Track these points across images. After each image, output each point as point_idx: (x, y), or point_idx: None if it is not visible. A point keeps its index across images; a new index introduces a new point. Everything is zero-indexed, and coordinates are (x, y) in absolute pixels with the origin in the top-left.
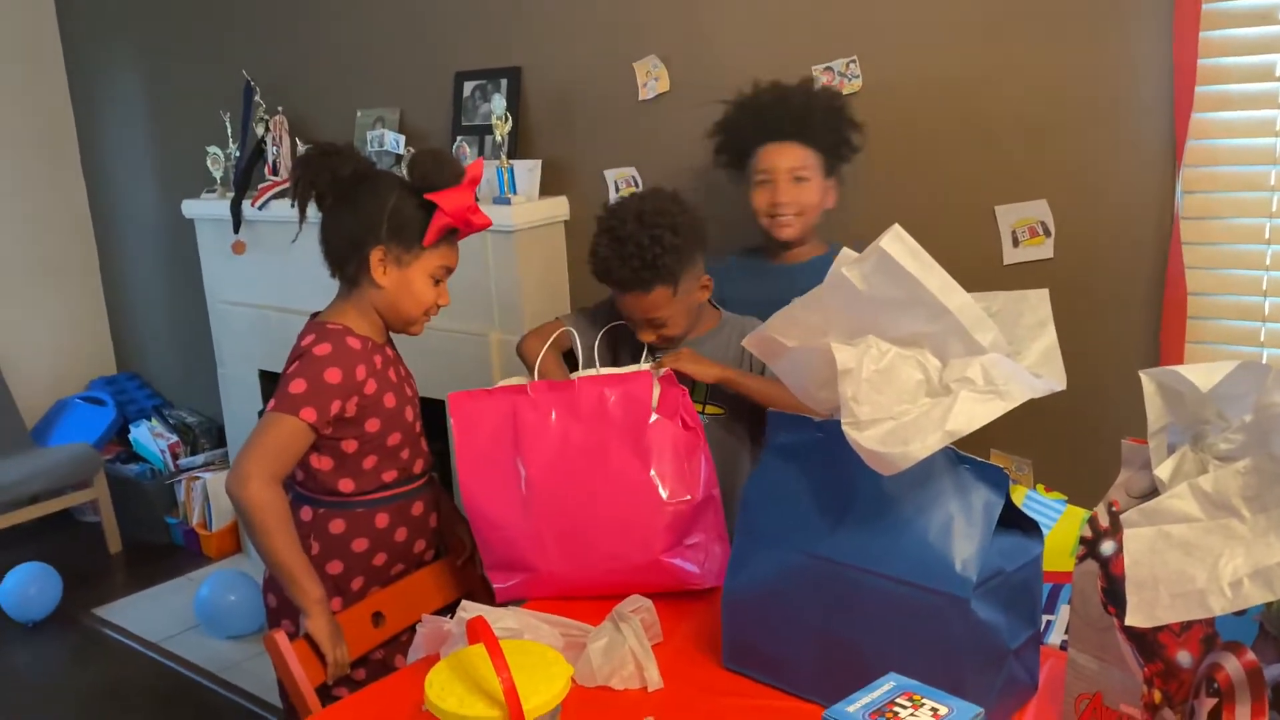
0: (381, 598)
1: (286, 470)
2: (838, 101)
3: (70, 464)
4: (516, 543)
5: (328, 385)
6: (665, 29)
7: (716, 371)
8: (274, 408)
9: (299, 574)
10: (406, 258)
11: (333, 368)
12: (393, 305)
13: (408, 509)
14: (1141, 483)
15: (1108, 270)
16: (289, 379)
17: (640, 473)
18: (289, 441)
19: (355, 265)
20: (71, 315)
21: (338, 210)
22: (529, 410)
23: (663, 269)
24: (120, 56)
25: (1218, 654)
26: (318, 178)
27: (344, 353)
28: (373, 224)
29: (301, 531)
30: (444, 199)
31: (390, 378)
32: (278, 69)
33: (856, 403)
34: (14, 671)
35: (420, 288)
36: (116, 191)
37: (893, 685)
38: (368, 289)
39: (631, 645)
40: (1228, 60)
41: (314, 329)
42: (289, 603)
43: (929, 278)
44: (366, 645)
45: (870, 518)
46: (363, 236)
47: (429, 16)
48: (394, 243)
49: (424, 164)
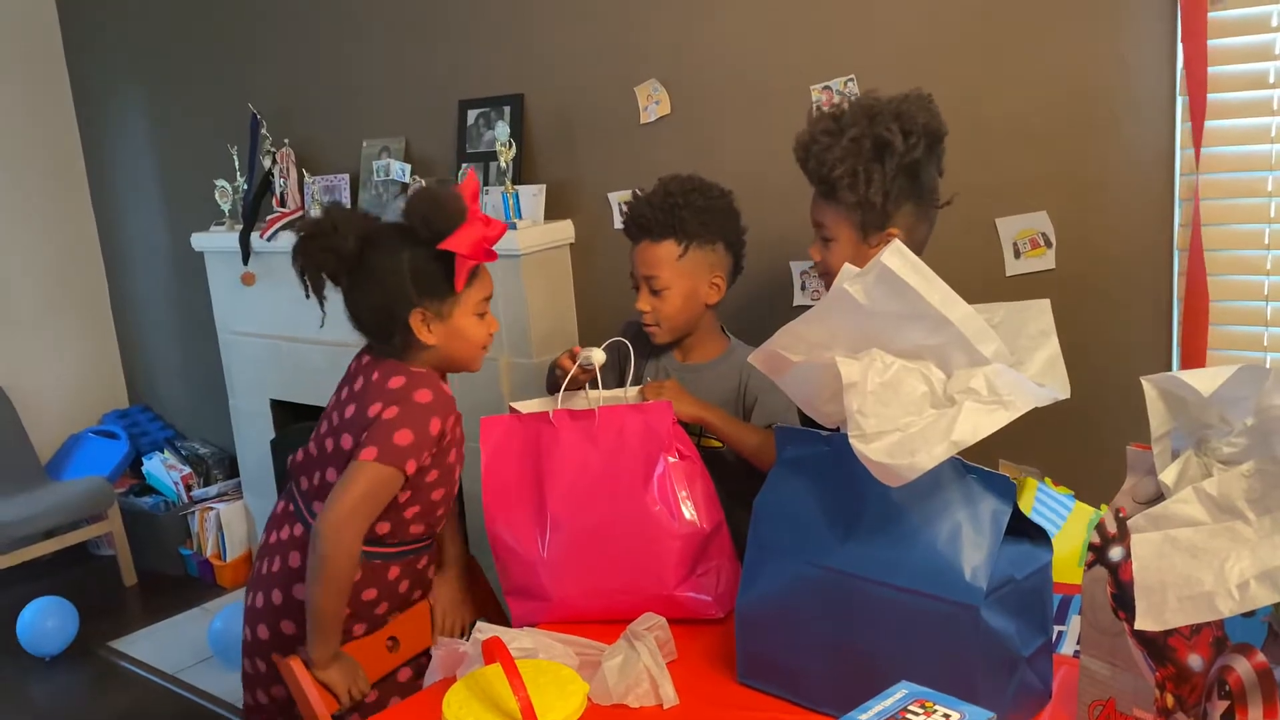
0: (398, 624)
1: (374, 519)
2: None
3: (84, 498)
4: (534, 570)
5: (429, 438)
6: (665, 53)
7: (695, 411)
8: (378, 458)
9: (332, 631)
10: (445, 309)
11: (435, 418)
12: (448, 356)
13: (416, 563)
14: (1147, 488)
15: (1110, 279)
16: (393, 426)
17: (652, 504)
18: (386, 494)
19: (399, 333)
20: (83, 349)
21: (357, 286)
22: (551, 438)
23: (680, 222)
24: (127, 92)
25: (1228, 656)
26: (323, 263)
27: (443, 402)
28: (399, 290)
29: (292, 544)
30: (459, 243)
31: (457, 434)
32: (283, 101)
33: (862, 415)
34: (32, 706)
35: (470, 330)
36: (126, 226)
37: (905, 693)
38: (417, 350)
39: (646, 663)
40: (1223, 69)
41: (401, 372)
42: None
43: (930, 291)
44: (383, 670)
45: (879, 529)
46: (395, 305)
47: (432, 46)
48: (428, 300)
49: (424, 212)
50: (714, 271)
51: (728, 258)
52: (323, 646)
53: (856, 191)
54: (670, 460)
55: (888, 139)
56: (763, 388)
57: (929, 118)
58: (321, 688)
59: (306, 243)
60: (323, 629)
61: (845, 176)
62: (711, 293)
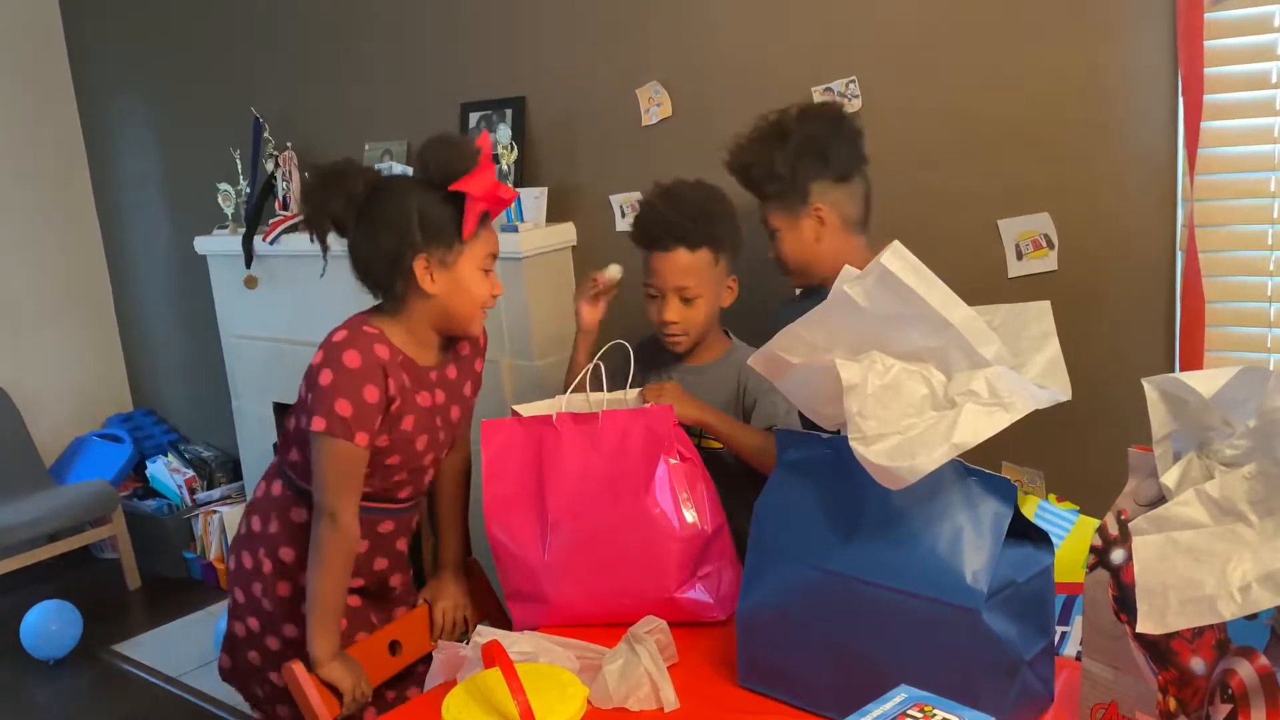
0: (398, 626)
1: (360, 489)
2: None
3: (88, 501)
4: (535, 574)
5: (369, 405)
6: (666, 55)
7: (695, 414)
8: (327, 429)
9: (331, 621)
10: (450, 257)
11: (369, 385)
12: (448, 310)
13: (375, 524)
14: (1149, 491)
15: (1112, 280)
16: (332, 395)
17: (653, 507)
18: (353, 465)
19: (400, 281)
20: (87, 354)
21: (363, 231)
22: (553, 441)
23: (714, 230)
24: (131, 95)
25: (1231, 659)
26: (331, 203)
27: (374, 367)
28: (405, 234)
29: (266, 505)
30: (471, 184)
31: (416, 401)
32: (286, 105)
33: (863, 418)
34: (36, 710)
35: (473, 283)
36: (130, 230)
37: (904, 697)
38: (417, 302)
39: (647, 666)
40: (1225, 69)
41: (349, 326)
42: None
43: (930, 293)
44: (386, 673)
45: (880, 532)
46: (399, 250)
47: (433, 49)
48: (433, 246)
49: (438, 155)
50: (730, 276)
51: (735, 261)
52: (322, 640)
53: (768, 175)
54: (671, 463)
55: (784, 124)
56: (762, 389)
57: (830, 107)
58: (324, 689)
59: (316, 185)
60: (323, 619)
61: (755, 166)
62: (728, 296)
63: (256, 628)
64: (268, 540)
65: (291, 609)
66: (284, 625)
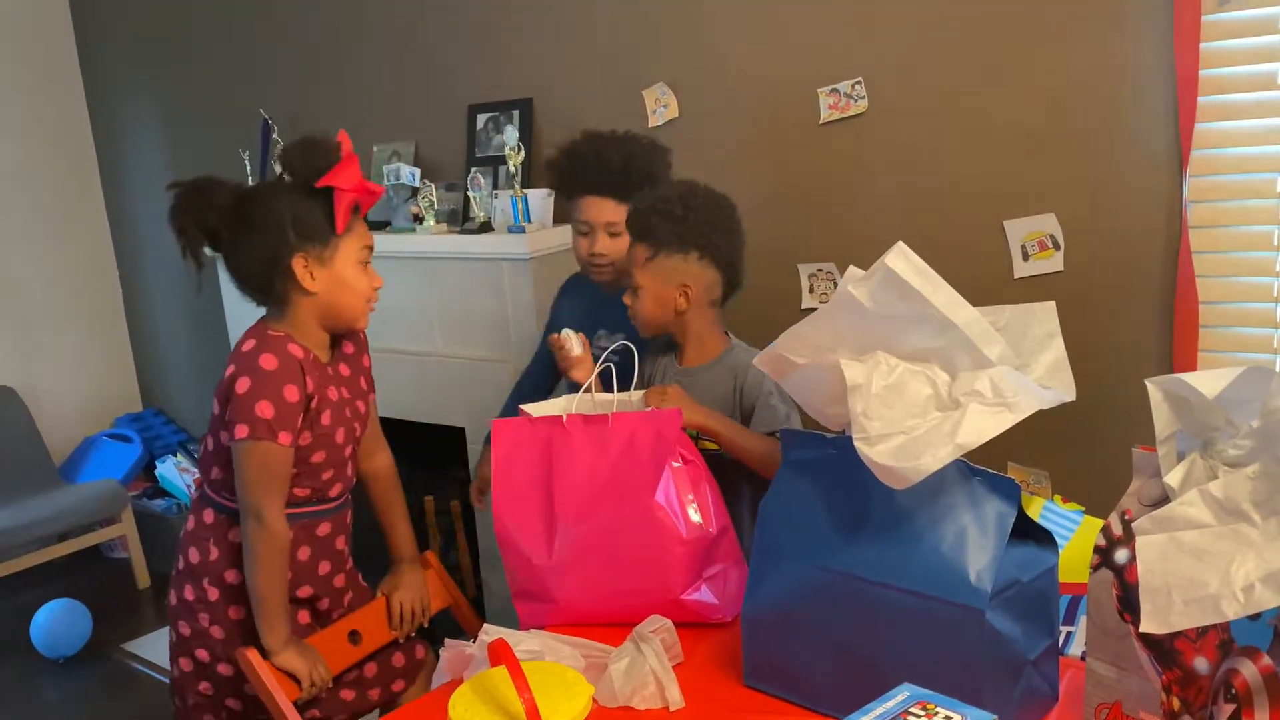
0: (358, 617)
1: (286, 494)
2: (658, 162)
3: (98, 501)
4: (542, 573)
5: (290, 405)
6: (673, 56)
7: (700, 419)
8: (250, 434)
9: (277, 614)
10: (327, 253)
11: (288, 385)
12: (331, 306)
13: (313, 528)
14: (1153, 491)
15: (1119, 281)
16: (252, 399)
17: (659, 509)
18: (278, 467)
19: (280, 283)
20: (96, 353)
21: (237, 239)
22: (563, 442)
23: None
24: (141, 99)
25: (1234, 659)
26: (204, 216)
27: (290, 365)
28: (280, 235)
29: (201, 534)
30: (338, 178)
31: (329, 395)
32: (295, 106)
33: (867, 418)
34: (46, 708)
35: (353, 277)
36: (140, 232)
37: (907, 695)
38: (300, 301)
39: (652, 665)
40: (1229, 70)
41: (256, 334)
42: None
43: (935, 293)
44: (346, 663)
45: (885, 531)
46: (276, 251)
47: (441, 51)
48: (309, 244)
49: (301, 155)
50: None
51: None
52: (272, 632)
53: None
54: (675, 465)
55: None
56: (760, 393)
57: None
58: (280, 675)
59: (184, 199)
60: (269, 613)
61: None
62: (678, 294)
63: (207, 659)
64: (209, 568)
65: (245, 631)
66: (237, 650)
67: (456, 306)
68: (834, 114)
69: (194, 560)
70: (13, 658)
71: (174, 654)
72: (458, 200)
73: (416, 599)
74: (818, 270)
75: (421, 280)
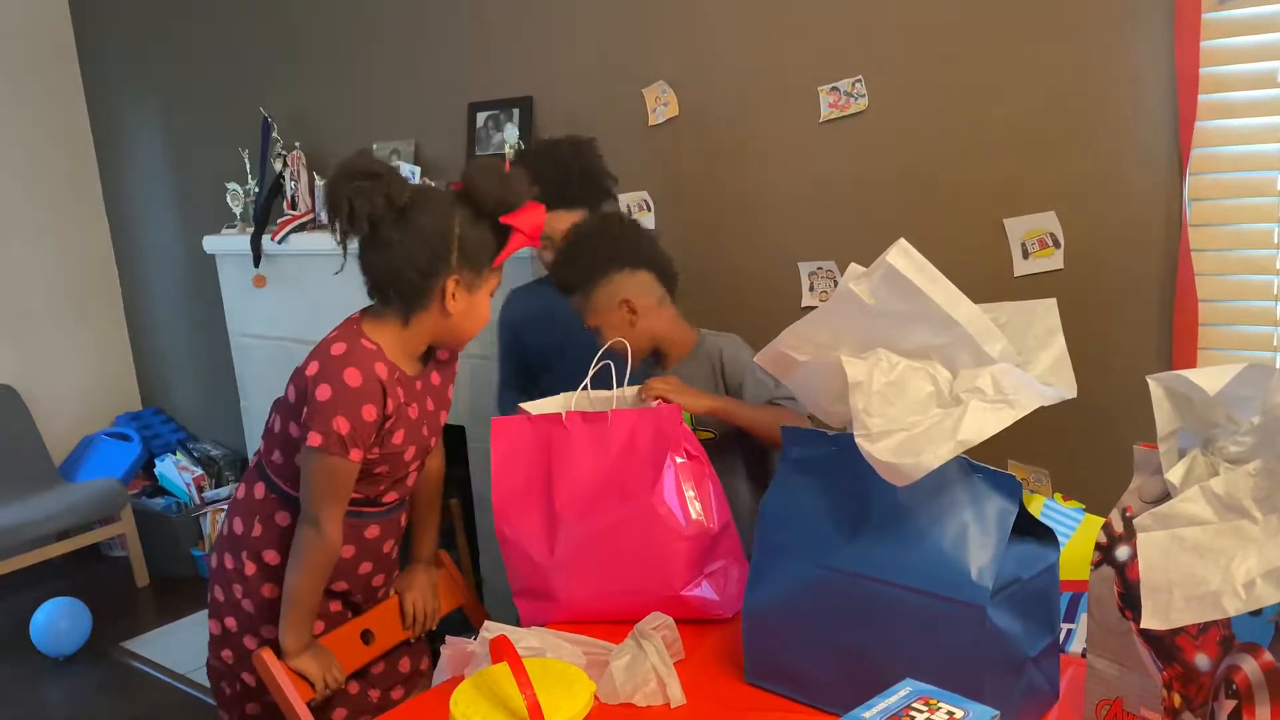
0: (371, 617)
1: (345, 504)
2: (587, 154)
3: (97, 499)
4: (542, 571)
5: (367, 424)
6: (673, 55)
7: (707, 403)
8: (322, 446)
9: (305, 620)
10: (477, 282)
11: (368, 405)
12: (455, 329)
13: (361, 529)
14: (1154, 488)
15: (1119, 279)
16: (330, 411)
17: (659, 506)
18: (344, 480)
19: (424, 294)
20: (96, 352)
21: (396, 238)
22: (562, 440)
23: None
24: (140, 96)
25: (1235, 656)
26: (373, 203)
27: (372, 385)
28: (444, 250)
29: (250, 507)
30: (523, 219)
31: (408, 414)
32: (294, 105)
33: (868, 415)
34: (45, 706)
35: (484, 310)
36: (139, 230)
37: (909, 690)
38: (430, 317)
39: (654, 662)
40: (1229, 68)
41: (348, 337)
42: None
43: (936, 290)
44: (359, 662)
45: (886, 529)
46: (433, 265)
47: (441, 49)
48: (466, 268)
49: (490, 183)
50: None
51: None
52: (295, 634)
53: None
54: (678, 461)
55: None
56: (743, 369)
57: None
58: (295, 676)
59: (360, 180)
60: (297, 615)
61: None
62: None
63: (234, 627)
64: (251, 543)
65: (274, 611)
66: (263, 627)
67: None
68: (834, 112)
69: (238, 531)
70: (12, 656)
71: (210, 615)
72: None
73: (428, 599)
74: (818, 268)
75: None
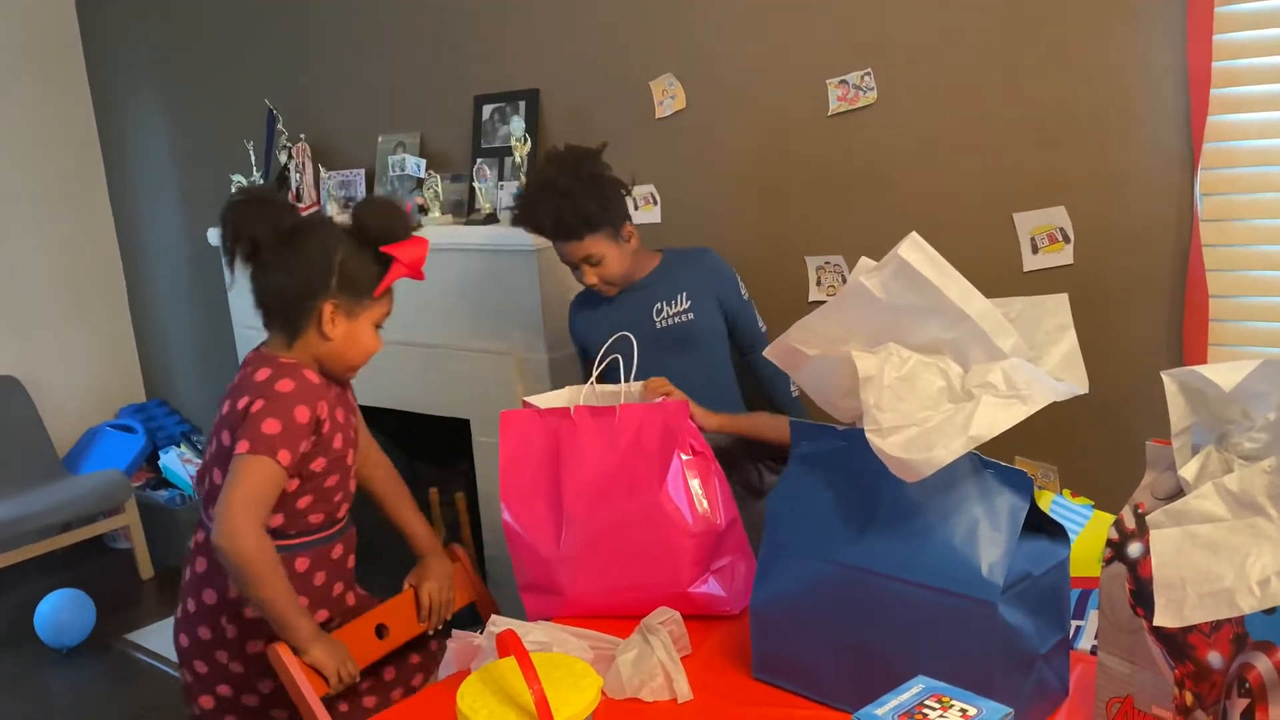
0: (384, 611)
1: (269, 514)
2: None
3: (101, 491)
4: (549, 565)
5: (298, 425)
6: (680, 47)
7: (715, 422)
8: (249, 450)
9: (292, 617)
10: (357, 309)
11: (300, 406)
12: (338, 355)
13: (327, 553)
14: (1167, 484)
15: (1129, 275)
16: (259, 418)
17: (667, 502)
18: (270, 486)
19: (303, 317)
20: (101, 344)
21: (280, 262)
22: (570, 434)
23: (592, 216)
24: (145, 88)
25: (1249, 654)
26: (258, 229)
27: (307, 390)
28: (324, 276)
29: (216, 576)
30: (402, 251)
31: (338, 418)
32: (300, 97)
33: (879, 410)
34: (49, 697)
35: (367, 338)
36: (143, 222)
37: (922, 688)
38: (310, 341)
39: (660, 657)
40: (1243, 62)
41: (268, 363)
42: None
43: (948, 284)
44: (373, 657)
45: (895, 524)
46: (313, 289)
47: (447, 42)
48: (345, 295)
49: (378, 215)
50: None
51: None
52: (294, 633)
53: (588, 217)
54: (684, 458)
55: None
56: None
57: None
58: (310, 671)
59: (248, 203)
60: (281, 620)
61: (570, 214)
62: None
63: (229, 693)
64: (226, 607)
65: (264, 663)
66: (261, 681)
67: (461, 298)
68: (843, 105)
69: (209, 601)
70: (17, 647)
71: (193, 694)
72: (463, 191)
73: (444, 590)
74: (825, 263)
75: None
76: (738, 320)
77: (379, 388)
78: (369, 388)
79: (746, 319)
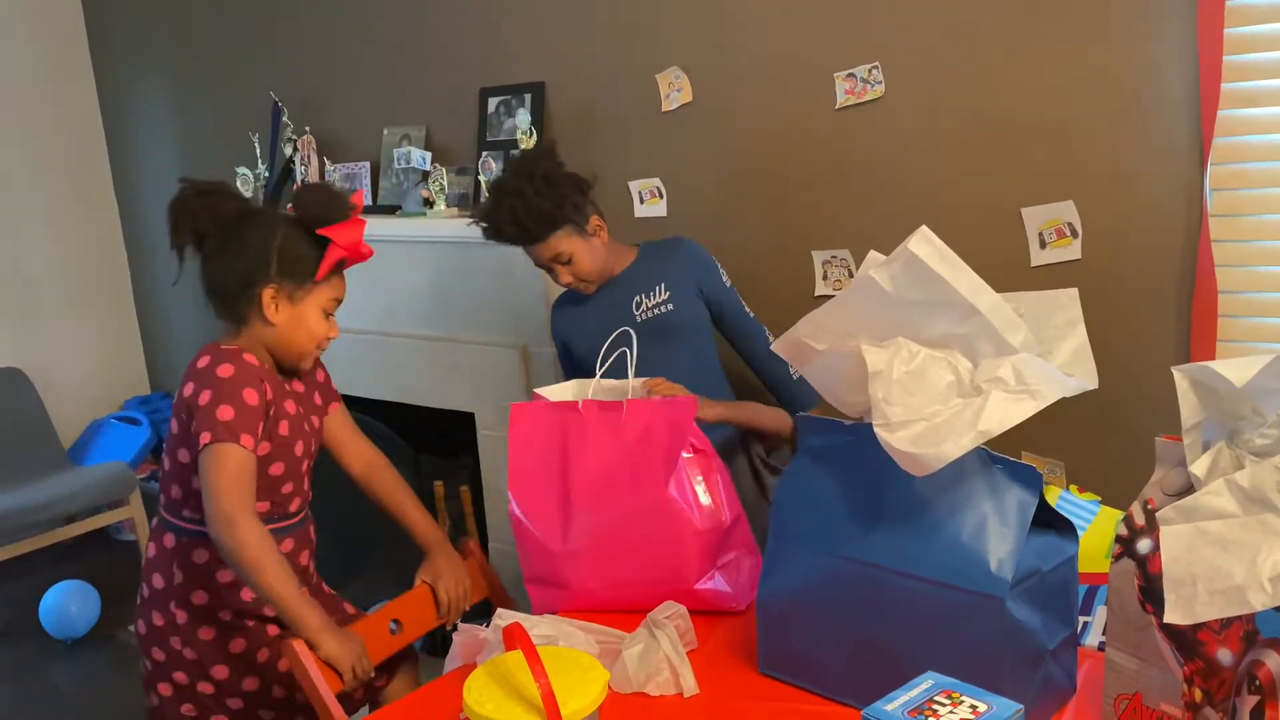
0: (399, 606)
1: (254, 497)
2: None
3: (106, 483)
4: (556, 559)
5: (250, 408)
6: (687, 40)
7: (717, 413)
8: (213, 439)
9: (297, 606)
10: (299, 294)
11: (247, 389)
12: (285, 341)
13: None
14: (1177, 480)
15: (1137, 270)
16: (211, 408)
17: (672, 498)
18: (244, 469)
19: (245, 304)
20: (106, 336)
21: (222, 251)
22: (578, 428)
23: (553, 216)
24: (151, 81)
25: (1259, 651)
26: (199, 219)
27: (248, 372)
28: (262, 262)
29: (163, 559)
30: (338, 233)
31: (286, 408)
32: (305, 89)
33: (888, 404)
34: (54, 688)
35: (313, 322)
36: (148, 213)
37: (931, 684)
38: (258, 327)
39: (667, 651)
40: (1254, 56)
41: (210, 351)
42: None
43: (958, 279)
44: (386, 652)
45: (903, 519)
46: (252, 275)
47: (453, 34)
48: (285, 280)
49: (314, 200)
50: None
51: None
52: (302, 625)
53: (548, 217)
54: (686, 455)
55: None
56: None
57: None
58: (325, 667)
59: (191, 196)
60: (290, 609)
61: (530, 216)
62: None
63: (185, 680)
64: (175, 592)
65: (219, 650)
66: (214, 668)
67: (466, 291)
68: (850, 99)
69: (159, 586)
70: (22, 639)
71: (150, 682)
72: (468, 184)
73: (460, 583)
74: (831, 257)
75: (431, 265)
76: (723, 308)
77: (384, 381)
78: (373, 380)
79: (732, 305)
